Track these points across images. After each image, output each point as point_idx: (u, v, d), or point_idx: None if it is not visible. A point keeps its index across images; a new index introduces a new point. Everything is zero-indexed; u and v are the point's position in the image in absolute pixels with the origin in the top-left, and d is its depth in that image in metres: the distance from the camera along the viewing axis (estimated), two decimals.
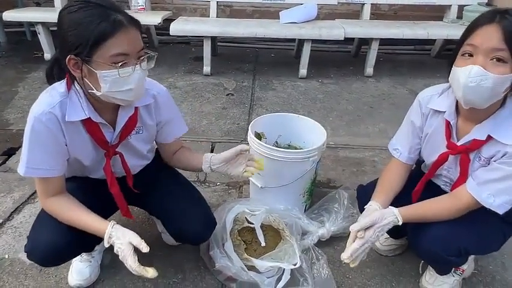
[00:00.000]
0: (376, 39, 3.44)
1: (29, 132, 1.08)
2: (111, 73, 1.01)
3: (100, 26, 0.97)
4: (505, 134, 1.11)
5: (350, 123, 2.82)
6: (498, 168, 1.13)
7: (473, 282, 1.56)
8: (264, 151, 1.63)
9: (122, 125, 1.19)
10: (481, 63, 1.01)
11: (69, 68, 1.04)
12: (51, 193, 1.18)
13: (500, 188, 1.13)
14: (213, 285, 1.48)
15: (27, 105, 2.90)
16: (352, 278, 1.56)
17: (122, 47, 0.99)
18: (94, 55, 0.99)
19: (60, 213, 1.18)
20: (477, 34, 1.02)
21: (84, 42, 0.97)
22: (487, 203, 1.15)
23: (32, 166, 1.11)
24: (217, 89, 3.29)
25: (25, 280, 1.47)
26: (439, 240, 1.22)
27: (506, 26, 0.98)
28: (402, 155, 1.40)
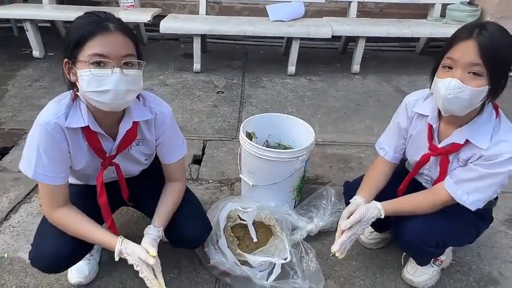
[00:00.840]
0: (363, 37, 3.52)
1: (35, 140, 1.13)
2: (87, 72, 1.03)
3: (84, 29, 1.03)
4: (481, 139, 1.20)
5: (337, 120, 2.91)
6: (473, 169, 1.23)
7: (451, 272, 1.67)
8: (256, 151, 1.70)
9: (120, 137, 1.23)
10: (459, 77, 1.10)
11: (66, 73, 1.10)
12: (57, 204, 1.21)
13: (474, 187, 1.24)
14: (208, 280, 1.56)
15: (18, 103, 2.91)
16: (339, 270, 1.65)
17: (99, 48, 1.02)
18: (78, 56, 1.04)
19: (67, 226, 1.22)
20: (456, 49, 1.10)
21: (70, 43, 1.04)
22: (461, 200, 1.25)
23: (40, 172, 1.15)
24: (208, 87, 3.34)
25: (25, 278, 1.52)
26: (418, 233, 1.32)
27: (482, 42, 1.07)
28: (388, 154, 1.50)
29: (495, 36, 1.07)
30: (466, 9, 3.61)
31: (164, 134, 1.34)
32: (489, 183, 1.21)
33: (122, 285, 1.52)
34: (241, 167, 1.91)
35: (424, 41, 4.20)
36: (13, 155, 2.30)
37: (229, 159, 2.37)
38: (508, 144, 1.17)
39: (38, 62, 3.66)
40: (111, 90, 1.05)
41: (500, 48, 1.07)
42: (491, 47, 1.06)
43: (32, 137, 1.14)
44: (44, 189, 1.20)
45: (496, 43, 1.07)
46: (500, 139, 1.18)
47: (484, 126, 1.21)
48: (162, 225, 1.33)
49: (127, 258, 1.19)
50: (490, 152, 1.18)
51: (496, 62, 1.08)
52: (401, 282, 1.60)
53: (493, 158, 1.18)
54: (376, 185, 1.48)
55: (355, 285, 1.58)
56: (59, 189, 1.21)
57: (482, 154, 1.20)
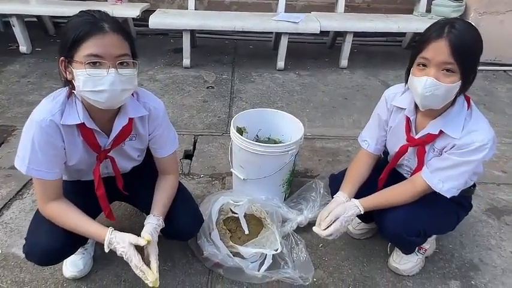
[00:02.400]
0: (351, 32, 3.57)
1: (30, 136, 1.15)
2: (83, 72, 1.06)
3: (80, 29, 1.05)
4: (454, 129, 1.29)
5: (326, 115, 2.96)
6: (447, 158, 1.32)
7: (435, 260, 1.74)
8: (246, 145, 1.74)
9: (116, 132, 1.26)
10: (434, 75, 1.18)
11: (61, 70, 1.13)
12: (50, 198, 1.24)
13: (448, 175, 1.32)
14: (201, 272, 1.60)
15: (6, 99, 2.89)
16: (328, 260, 1.71)
17: (95, 48, 1.05)
18: (74, 55, 1.07)
19: (59, 219, 1.25)
20: (429, 49, 1.17)
21: (67, 43, 1.06)
22: (437, 188, 1.33)
23: (33, 167, 1.18)
24: (198, 82, 3.35)
25: (20, 273, 1.54)
26: (400, 223, 1.39)
27: (452, 41, 1.14)
28: (370, 146, 1.57)
29: (464, 34, 1.15)
30: (450, 4, 3.68)
31: (157, 128, 1.37)
32: (462, 170, 1.29)
33: (116, 278, 1.55)
34: (233, 162, 1.95)
35: (410, 35, 4.27)
36: (2, 152, 2.30)
37: (220, 153, 2.40)
38: (479, 133, 1.25)
39: (25, 58, 3.62)
40: (107, 90, 1.09)
41: (469, 46, 1.16)
42: (462, 45, 1.14)
43: (26, 133, 1.17)
44: (38, 183, 1.23)
45: (465, 41, 1.15)
46: (471, 129, 1.26)
47: (457, 117, 1.29)
48: (162, 215, 1.36)
49: (116, 248, 1.20)
50: (462, 141, 1.27)
51: (467, 59, 1.16)
52: (387, 270, 1.67)
53: (464, 146, 1.27)
54: (359, 178, 1.55)
55: (343, 274, 1.64)
56: (52, 184, 1.23)
57: (455, 143, 1.29)
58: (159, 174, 1.49)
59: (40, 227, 1.29)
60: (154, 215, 1.35)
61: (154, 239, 1.27)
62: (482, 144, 1.24)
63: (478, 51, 1.19)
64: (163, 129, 1.39)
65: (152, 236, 1.26)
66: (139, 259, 1.19)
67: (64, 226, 1.25)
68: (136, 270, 1.20)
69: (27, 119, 1.18)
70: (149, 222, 1.32)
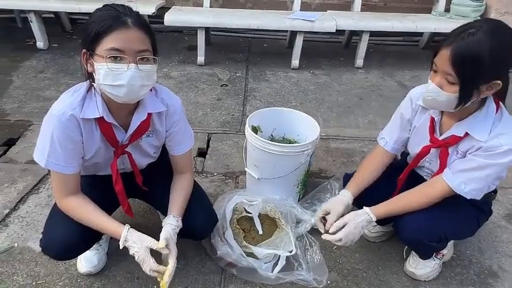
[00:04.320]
0: (367, 31, 3.52)
1: (50, 130, 1.15)
2: (104, 66, 1.06)
3: (103, 23, 1.05)
4: (480, 132, 1.24)
5: (341, 115, 2.92)
6: (471, 159, 1.27)
7: (452, 265, 1.70)
8: (262, 145, 1.72)
9: (134, 128, 1.26)
10: (438, 82, 1.17)
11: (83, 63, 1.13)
12: (67, 192, 1.25)
13: (471, 177, 1.27)
14: (214, 271, 1.59)
15: (23, 94, 2.93)
16: (342, 262, 1.68)
17: (117, 42, 1.04)
18: (96, 48, 1.07)
19: (76, 213, 1.25)
20: (438, 57, 1.16)
21: (90, 36, 1.06)
22: (459, 189, 1.29)
23: (52, 161, 1.18)
24: (212, 80, 3.35)
25: (36, 267, 1.56)
26: (420, 228, 1.35)
27: (455, 51, 1.10)
28: (387, 144, 1.54)
29: (475, 45, 1.08)
30: (470, 4, 3.60)
31: (174, 125, 1.37)
32: (486, 173, 1.25)
33: (130, 275, 1.55)
34: (247, 161, 1.93)
35: (427, 35, 4.19)
36: (19, 147, 2.33)
37: (234, 152, 2.39)
38: (507, 136, 1.21)
39: (42, 54, 3.66)
40: (126, 84, 1.09)
41: (475, 58, 1.08)
42: (463, 57, 1.09)
43: (46, 127, 1.17)
44: (56, 177, 1.23)
45: (471, 52, 1.08)
46: (499, 132, 1.22)
47: (484, 120, 1.24)
48: (180, 215, 1.36)
49: (130, 247, 1.21)
50: (489, 144, 1.22)
51: (466, 72, 1.11)
52: (403, 275, 1.63)
53: (491, 149, 1.22)
54: (368, 178, 1.53)
55: (358, 277, 1.62)
56: (70, 178, 1.24)
57: (481, 146, 1.24)
58: (174, 173, 1.48)
59: (57, 221, 1.29)
60: (173, 216, 1.34)
61: (173, 241, 1.27)
62: (511, 148, 1.20)
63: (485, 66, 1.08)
64: (180, 126, 1.39)
65: (172, 238, 1.27)
66: (153, 261, 1.20)
67: (81, 221, 1.25)
68: (150, 272, 1.21)
69: (47, 112, 1.19)
70: (169, 223, 1.31)
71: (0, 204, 1.86)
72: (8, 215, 1.81)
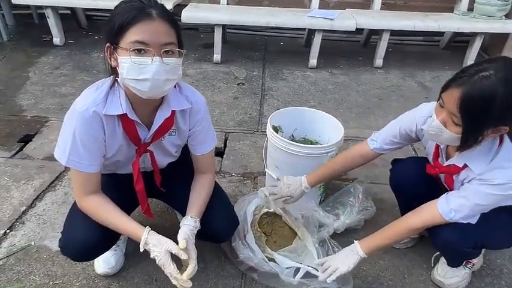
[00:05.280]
0: (387, 30, 3.43)
1: (72, 127, 1.11)
2: (128, 59, 1.02)
3: (127, 14, 1.00)
4: (478, 165, 1.20)
5: (360, 115, 2.85)
6: (464, 188, 1.25)
7: (482, 275, 1.62)
8: (284, 145, 1.66)
9: (157, 125, 1.21)
10: (442, 119, 1.13)
11: (107, 57, 1.08)
12: (88, 191, 1.20)
13: (461, 205, 1.24)
14: (234, 275, 1.54)
15: (40, 90, 2.92)
16: (367, 269, 1.62)
17: (141, 35, 1.00)
18: (120, 42, 1.02)
19: (96, 214, 1.21)
20: (447, 94, 1.10)
21: (113, 28, 1.02)
22: (447, 216, 1.26)
23: (74, 159, 1.14)
24: (228, 78, 3.30)
25: (53, 267, 1.53)
26: (457, 233, 1.28)
27: (463, 94, 1.04)
28: (377, 148, 1.52)
29: (485, 94, 1.01)
30: (495, 3, 3.48)
31: (198, 123, 1.32)
32: (475, 202, 1.22)
33: (147, 276, 1.51)
34: (267, 161, 1.88)
35: (449, 35, 4.07)
36: (36, 143, 2.31)
37: (252, 152, 2.34)
38: (503, 171, 1.15)
39: (59, 50, 3.66)
40: (150, 79, 1.04)
41: (483, 108, 1.03)
42: (472, 105, 1.04)
43: (68, 124, 1.13)
44: (77, 176, 1.19)
45: (480, 102, 1.02)
46: (495, 165, 1.17)
47: (485, 153, 1.19)
48: (199, 216, 1.31)
49: (151, 250, 1.17)
50: (484, 176, 1.18)
51: (472, 120, 1.06)
52: (431, 284, 1.57)
53: (484, 181, 1.18)
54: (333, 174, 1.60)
55: (383, 285, 1.55)
56: (91, 177, 1.19)
57: (475, 177, 1.20)
58: (195, 173, 1.44)
59: (76, 222, 1.26)
60: (191, 216, 1.29)
61: (192, 241, 1.22)
62: (504, 183, 1.15)
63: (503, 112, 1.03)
64: (203, 125, 1.34)
65: (190, 239, 1.22)
66: (174, 267, 1.15)
67: (100, 221, 1.21)
68: (171, 278, 1.16)
69: (63, 108, 1.16)
70: (186, 224, 1.27)
71: (17, 201, 1.84)
72: (25, 213, 1.79)
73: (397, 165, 1.60)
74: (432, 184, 1.43)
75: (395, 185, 1.61)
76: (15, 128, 2.44)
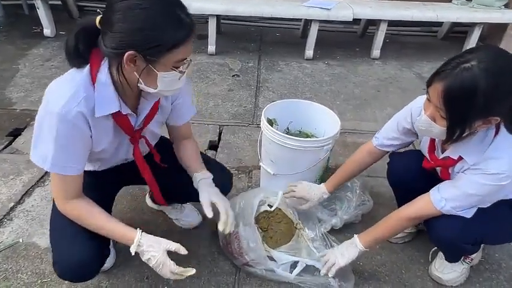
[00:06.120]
0: (385, 20, 3.38)
1: (53, 131, 1.00)
2: (171, 75, 1.01)
3: (178, 34, 0.95)
4: (472, 156, 1.17)
5: (357, 108, 2.80)
6: (458, 177, 1.22)
7: (480, 270, 1.60)
8: (279, 139, 1.62)
9: (146, 111, 1.17)
10: (430, 114, 1.11)
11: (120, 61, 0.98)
12: (71, 195, 1.12)
13: (453, 195, 1.21)
14: (228, 272, 1.51)
15: (30, 83, 2.85)
16: (363, 265, 1.59)
17: (187, 53, 1.00)
18: (162, 58, 0.97)
19: (82, 219, 1.14)
20: (431, 88, 1.07)
21: (159, 45, 0.94)
22: (438, 205, 1.24)
23: (58, 163, 1.05)
24: (223, 70, 3.24)
25: (41, 264, 1.49)
26: (456, 229, 1.25)
27: (445, 87, 1.01)
28: (380, 145, 1.50)
29: (466, 86, 0.99)
30: None
31: (180, 96, 1.30)
32: (469, 192, 1.19)
33: (139, 274, 1.48)
34: (262, 155, 1.84)
35: (447, 25, 4.02)
36: (25, 137, 2.25)
37: (247, 145, 2.30)
38: (497, 161, 1.12)
39: (49, 41, 3.57)
40: (180, 87, 1.09)
41: (466, 100, 1.00)
42: (454, 98, 1.02)
43: (47, 127, 1.01)
44: (58, 180, 1.10)
45: (462, 94, 1.00)
46: (489, 156, 1.14)
47: (479, 143, 1.16)
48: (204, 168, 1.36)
49: (145, 252, 1.12)
50: (478, 166, 1.16)
51: (456, 113, 1.04)
52: (428, 279, 1.54)
53: (478, 170, 1.15)
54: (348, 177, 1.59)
55: (380, 281, 1.53)
56: (74, 180, 1.11)
57: (469, 167, 1.18)
58: (177, 141, 1.44)
59: (67, 238, 1.17)
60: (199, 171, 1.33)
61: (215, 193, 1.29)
62: (498, 173, 1.11)
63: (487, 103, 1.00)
64: (184, 96, 1.32)
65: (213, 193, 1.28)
66: (173, 264, 1.14)
67: (87, 226, 1.14)
68: (171, 276, 1.14)
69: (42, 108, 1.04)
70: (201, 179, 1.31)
71: (5, 197, 1.79)
72: (13, 209, 1.74)
73: (395, 158, 1.56)
74: (430, 178, 1.39)
75: (393, 179, 1.57)
76: (4, 122, 2.38)
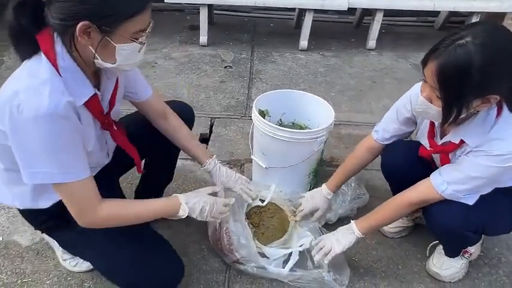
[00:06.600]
0: (381, 10, 3.30)
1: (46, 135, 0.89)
2: (130, 47, 0.96)
3: (135, 2, 0.91)
4: (474, 139, 1.12)
5: (352, 99, 2.74)
6: (460, 161, 1.17)
7: (479, 264, 1.55)
8: (271, 131, 1.55)
9: (110, 90, 1.10)
10: (427, 95, 1.06)
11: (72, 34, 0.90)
12: (98, 198, 1.03)
13: (455, 178, 1.16)
14: (218, 270, 1.45)
15: None
16: (358, 260, 1.54)
17: (145, 23, 0.95)
18: (119, 29, 0.91)
19: (121, 214, 1.08)
20: (426, 68, 1.03)
21: (114, 15, 0.89)
22: (439, 189, 1.18)
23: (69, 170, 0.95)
24: (215, 61, 3.15)
25: (22, 264, 1.42)
26: (458, 216, 1.20)
27: (439, 65, 0.98)
28: (380, 138, 1.47)
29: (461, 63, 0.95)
30: None
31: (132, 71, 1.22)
32: (472, 175, 1.13)
33: None
34: (253, 148, 1.77)
35: (444, 15, 3.94)
36: None
37: (239, 138, 2.23)
38: (502, 142, 1.07)
39: None
40: (141, 59, 1.04)
41: (460, 77, 0.96)
42: (449, 75, 0.97)
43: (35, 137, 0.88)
44: (76, 189, 0.97)
45: (456, 71, 0.96)
46: (492, 136, 1.09)
47: (481, 125, 1.11)
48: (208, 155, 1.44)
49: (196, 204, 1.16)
50: (481, 148, 1.11)
51: (450, 92, 1.00)
52: (426, 275, 1.49)
53: (481, 152, 1.11)
54: (350, 174, 1.56)
55: (376, 277, 1.47)
56: (91, 181, 1.01)
57: (472, 150, 1.13)
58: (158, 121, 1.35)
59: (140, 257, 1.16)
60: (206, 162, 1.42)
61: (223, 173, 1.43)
62: (503, 154, 1.06)
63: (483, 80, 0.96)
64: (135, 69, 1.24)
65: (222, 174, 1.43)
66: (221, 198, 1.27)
67: (128, 221, 1.09)
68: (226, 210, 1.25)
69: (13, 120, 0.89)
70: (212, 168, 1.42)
71: None
72: None
73: (388, 149, 1.49)
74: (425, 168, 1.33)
75: (386, 170, 1.51)
76: None
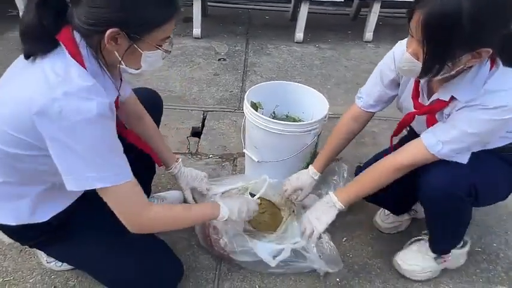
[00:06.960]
0: (378, 1, 3.24)
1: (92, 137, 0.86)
2: (156, 54, 0.97)
3: (166, 10, 0.91)
4: (467, 94, 1.03)
5: (349, 92, 2.68)
6: (452, 117, 1.08)
7: (477, 260, 1.51)
8: (262, 123, 1.50)
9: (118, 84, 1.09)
10: (413, 50, 0.98)
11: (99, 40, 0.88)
12: (146, 199, 1.01)
13: (450, 136, 1.07)
14: (208, 267, 1.40)
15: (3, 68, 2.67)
16: (353, 256, 1.50)
17: (171, 31, 0.96)
18: (148, 37, 0.91)
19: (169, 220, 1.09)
20: (413, 19, 0.94)
21: (146, 24, 0.89)
22: (434, 149, 1.09)
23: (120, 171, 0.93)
24: (208, 54, 3.09)
25: (4, 261, 1.37)
26: (449, 176, 1.11)
27: (425, 14, 0.89)
28: (365, 104, 1.39)
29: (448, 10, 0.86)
30: None
31: None
32: (468, 132, 1.03)
33: None
34: (245, 141, 1.72)
35: None
36: None
37: (232, 132, 2.17)
38: (498, 94, 0.99)
39: None
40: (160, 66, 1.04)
41: (447, 26, 0.88)
42: (435, 25, 0.89)
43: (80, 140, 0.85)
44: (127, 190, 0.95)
45: (444, 19, 0.87)
46: (489, 88, 1.00)
47: (471, 80, 1.02)
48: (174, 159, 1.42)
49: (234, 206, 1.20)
50: (476, 102, 1.02)
51: (436, 42, 0.91)
52: None
53: (477, 106, 1.01)
54: (337, 150, 1.49)
55: (371, 274, 1.43)
56: (137, 182, 0.98)
57: (464, 105, 1.04)
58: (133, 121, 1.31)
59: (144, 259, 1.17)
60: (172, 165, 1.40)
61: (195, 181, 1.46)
62: (501, 106, 0.98)
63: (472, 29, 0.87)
64: None
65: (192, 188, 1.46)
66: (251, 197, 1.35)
67: (175, 225, 1.15)
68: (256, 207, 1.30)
69: None
70: None
71: None
72: None
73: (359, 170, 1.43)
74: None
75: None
76: None
